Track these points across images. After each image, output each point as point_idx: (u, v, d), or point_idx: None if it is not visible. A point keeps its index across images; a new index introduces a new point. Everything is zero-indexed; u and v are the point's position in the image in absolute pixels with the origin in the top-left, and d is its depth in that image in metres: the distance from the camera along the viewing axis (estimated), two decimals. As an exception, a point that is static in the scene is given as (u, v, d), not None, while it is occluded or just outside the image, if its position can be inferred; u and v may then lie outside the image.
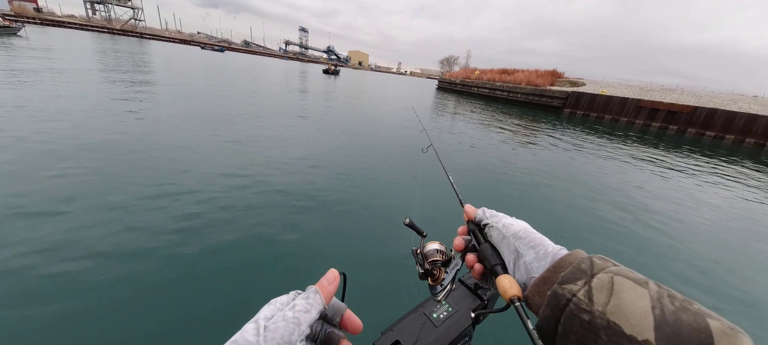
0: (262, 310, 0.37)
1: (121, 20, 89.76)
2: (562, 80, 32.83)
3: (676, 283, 3.42)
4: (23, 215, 2.99)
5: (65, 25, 65.05)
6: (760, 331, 2.89)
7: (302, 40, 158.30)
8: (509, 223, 0.51)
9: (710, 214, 5.69)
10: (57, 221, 2.98)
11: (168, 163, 4.64)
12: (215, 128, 6.87)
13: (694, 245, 4.34)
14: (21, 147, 4.45)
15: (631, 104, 24.15)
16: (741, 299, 3.27)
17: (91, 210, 3.23)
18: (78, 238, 2.79)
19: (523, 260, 0.45)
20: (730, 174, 9.59)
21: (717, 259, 4.05)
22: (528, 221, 0.51)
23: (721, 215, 5.73)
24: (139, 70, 15.17)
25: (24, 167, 3.91)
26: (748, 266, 3.99)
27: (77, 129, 5.54)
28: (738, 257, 4.21)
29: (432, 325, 1.06)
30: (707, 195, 6.97)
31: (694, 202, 6.32)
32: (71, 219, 3.05)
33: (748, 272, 3.84)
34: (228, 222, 3.37)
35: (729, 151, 15.18)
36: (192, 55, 38.48)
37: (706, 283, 3.50)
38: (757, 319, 3.05)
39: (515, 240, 0.47)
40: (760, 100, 24.15)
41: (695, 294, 3.25)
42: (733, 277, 3.67)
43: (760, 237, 5.00)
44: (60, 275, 2.38)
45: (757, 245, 4.67)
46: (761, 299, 3.31)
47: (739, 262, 4.09)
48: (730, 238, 4.79)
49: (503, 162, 7.54)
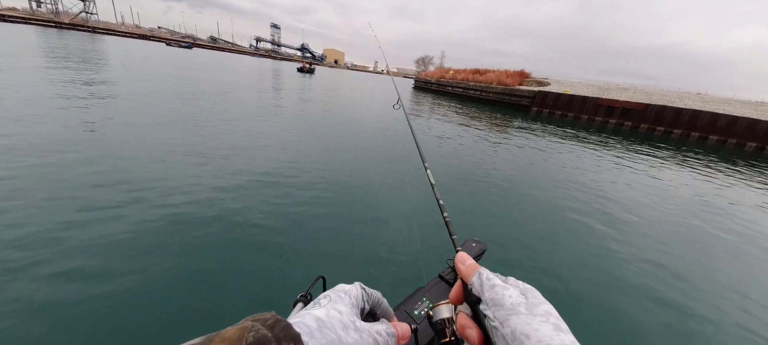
0: (340, 299, 0.36)
1: (70, 13, 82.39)
2: (530, 80, 34.42)
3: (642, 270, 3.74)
4: None
5: (6, 18, 58.73)
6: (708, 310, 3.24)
7: (274, 36, 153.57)
8: (523, 333, 0.31)
9: (670, 203, 6.26)
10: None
11: (139, 169, 4.38)
12: (185, 133, 6.54)
13: (656, 235, 4.78)
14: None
15: (590, 102, 25.81)
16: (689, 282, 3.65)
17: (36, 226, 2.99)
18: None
19: None
20: (679, 164, 10.59)
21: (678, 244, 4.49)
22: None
23: (680, 203, 6.34)
24: (94, 68, 14.04)
25: None
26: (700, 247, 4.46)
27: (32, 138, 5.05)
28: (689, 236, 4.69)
29: (413, 322, 1.08)
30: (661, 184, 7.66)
31: (652, 191, 6.92)
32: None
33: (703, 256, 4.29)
34: (205, 226, 3.25)
35: (676, 144, 16.70)
36: (156, 52, 36.21)
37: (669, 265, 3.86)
38: (699, 297, 3.41)
39: None
40: (703, 97, 26.76)
41: (659, 279, 3.58)
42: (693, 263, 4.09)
43: (709, 218, 5.59)
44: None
45: (701, 225, 5.22)
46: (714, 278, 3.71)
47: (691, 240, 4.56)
48: (684, 224, 5.32)
49: (481, 159, 7.82)
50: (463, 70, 42.48)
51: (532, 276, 3.33)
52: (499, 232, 4.24)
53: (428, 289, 1.28)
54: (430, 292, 1.24)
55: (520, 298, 0.35)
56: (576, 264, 3.67)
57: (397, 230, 3.83)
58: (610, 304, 3.07)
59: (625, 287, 3.37)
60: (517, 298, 0.34)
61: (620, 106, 24.33)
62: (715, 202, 6.92)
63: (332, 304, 0.35)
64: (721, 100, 25.92)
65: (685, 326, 2.93)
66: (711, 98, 27.07)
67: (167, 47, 57.18)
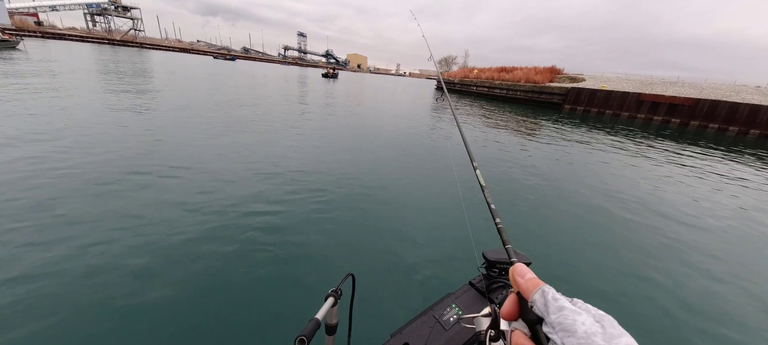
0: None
1: (121, 31, 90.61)
2: (561, 76, 32.66)
3: (694, 278, 3.27)
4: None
5: (66, 37, 65.72)
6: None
7: (300, 44, 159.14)
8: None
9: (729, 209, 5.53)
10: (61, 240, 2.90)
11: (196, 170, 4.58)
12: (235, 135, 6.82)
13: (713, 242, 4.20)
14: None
15: (631, 98, 23.96)
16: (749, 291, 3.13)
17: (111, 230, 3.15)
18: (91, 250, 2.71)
19: None
20: (739, 166, 9.41)
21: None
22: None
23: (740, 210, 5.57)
24: (169, 84, 15.19)
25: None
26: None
27: (121, 155, 5.48)
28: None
29: (442, 329, 1.04)
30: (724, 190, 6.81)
31: (711, 198, 6.16)
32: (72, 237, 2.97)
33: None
34: (231, 230, 3.28)
35: (734, 143, 14.96)
36: (207, 66, 38.96)
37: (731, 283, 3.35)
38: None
39: None
40: (763, 91, 23.87)
41: (714, 295, 3.11)
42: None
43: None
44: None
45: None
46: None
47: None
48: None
49: (512, 161, 7.42)
50: (487, 68, 41.27)
51: (583, 295, 3.00)
52: (537, 245, 3.85)
53: (458, 295, 1.23)
54: (459, 299, 1.19)
55: (596, 326, 0.29)
56: (634, 290, 3.15)
57: (427, 234, 3.69)
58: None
59: (702, 324, 2.93)
60: (591, 327, 0.29)
61: (667, 101, 22.34)
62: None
63: None
64: (787, 93, 22.94)
65: None
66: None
67: (214, 60, 62.31)
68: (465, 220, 3.92)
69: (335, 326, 1.00)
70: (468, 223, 3.81)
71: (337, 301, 0.91)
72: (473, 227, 3.78)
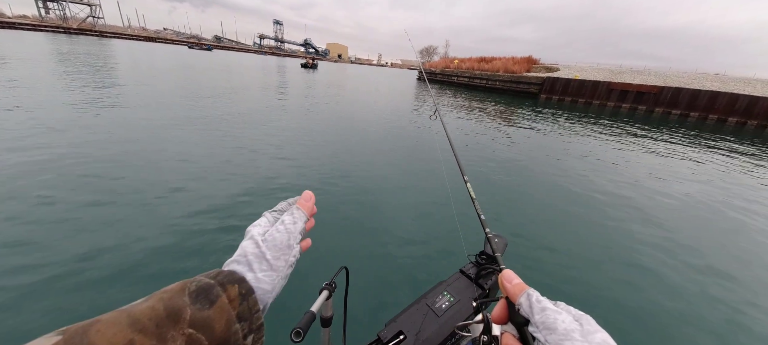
0: (248, 231, 0.43)
1: (77, 19, 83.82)
2: (538, 66, 33.60)
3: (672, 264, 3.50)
4: None
5: (17, 26, 60.06)
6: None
7: (277, 33, 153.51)
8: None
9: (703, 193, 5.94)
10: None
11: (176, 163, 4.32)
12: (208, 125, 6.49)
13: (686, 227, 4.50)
14: None
15: (602, 87, 25.04)
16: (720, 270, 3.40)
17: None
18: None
19: None
20: (700, 149, 10.12)
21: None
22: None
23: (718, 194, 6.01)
24: (155, 80, 14.13)
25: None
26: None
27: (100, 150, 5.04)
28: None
29: (434, 315, 1.07)
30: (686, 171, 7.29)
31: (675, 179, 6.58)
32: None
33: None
34: (221, 216, 3.15)
35: (693, 127, 16.05)
36: (184, 56, 36.64)
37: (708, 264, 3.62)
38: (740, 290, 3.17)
39: None
40: (721, 78, 25.66)
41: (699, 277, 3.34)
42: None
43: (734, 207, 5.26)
44: None
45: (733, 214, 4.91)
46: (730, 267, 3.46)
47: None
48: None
49: (490, 147, 7.58)
50: (468, 59, 41.74)
51: (555, 274, 3.14)
52: (514, 225, 4.05)
53: (450, 283, 1.26)
54: (451, 287, 1.22)
55: (575, 324, 0.33)
56: (602, 264, 3.40)
57: (417, 227, 3.74)
58: (646, 311, 2.85)
59: (662, 291, 3.14)
60: (570, 325, 0.33)
61: (634, 89, 23.54)
62: (747, 184, 6.54)
63: (245, 238, 0.43)
64: (740, 80, 24.79)
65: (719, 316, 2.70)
66: (730, 78, 25.91)
67: (190, 50, 58.84)
68: (453, 211, 4.00)
69: (330, 318, 1.01)
70: (455, 215, 3.90)
71: (331, 293, 0.91)
72: (460, 217, 3.87)
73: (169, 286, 0.29)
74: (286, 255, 0.42)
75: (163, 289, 0.29)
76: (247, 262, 0.39)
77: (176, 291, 0.29)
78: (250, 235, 0.42)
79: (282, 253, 0.41)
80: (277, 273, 0.40)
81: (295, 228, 0.44)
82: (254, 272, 0.38)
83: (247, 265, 0.39)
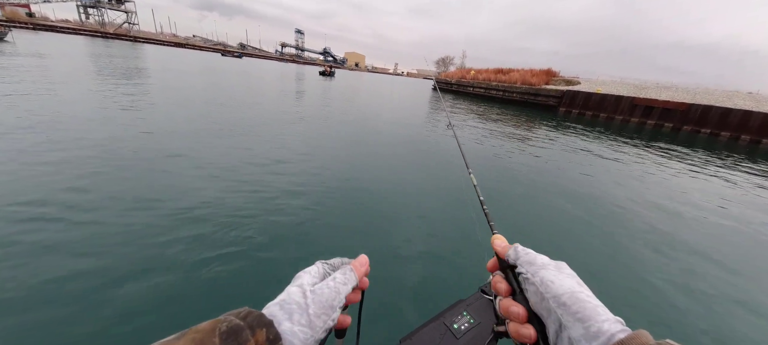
0: (299, 277, 0.43)
1: (114, 24, 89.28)
2: (557, 79, 32.86)
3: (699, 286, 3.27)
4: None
5: (58, 29, 64.51)
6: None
7: (298, 42, 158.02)
8: (550, 279, 0.39)
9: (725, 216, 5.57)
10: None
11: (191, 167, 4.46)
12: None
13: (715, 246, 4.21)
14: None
15: (625, 102, 24.16)
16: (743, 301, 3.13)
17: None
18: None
19: (567, 334, 0.35)
20: (731, 172, 9.52)
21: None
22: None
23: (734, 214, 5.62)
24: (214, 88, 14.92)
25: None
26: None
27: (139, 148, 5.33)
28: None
29: (452, 337, 1.02)
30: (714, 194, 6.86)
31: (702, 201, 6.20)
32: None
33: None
34: (238, 225, 3.19)
35: (725, 148, 15.15)
36: (219, 63, 38.61)
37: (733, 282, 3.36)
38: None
39: (558, 306, 0.37)
40: (755, 97, 24.24)
41: (720, 298, 3.10)
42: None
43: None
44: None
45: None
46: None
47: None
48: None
49: (506, 159, 7.40)
50: (485, 70, 41.38)
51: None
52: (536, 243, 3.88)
53: (470, 303, 1.20)
54: (471, 307, 1.16)
55: (551, 262, 0.43)
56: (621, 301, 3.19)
57: (436, 239, 3.66)
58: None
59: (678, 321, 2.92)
60: (547, 261, 0.43)
61: (660, 106, 22.55)
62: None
63: (293, 283, 0.42)
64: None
65: None
66: (765, 97, 24.43)
67: (222, 57, 63.42)
68: (475, 224, 3.89)
69: (344, 330, 0.99)
70: (478, 228, 3.78)
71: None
72: (483, 232, 3.74)
73: (200, 325, 0.31)
74: (327, 315, 0.40)
75: (195, 328, 0.30)
76: (289, 311, 0.37)
77: (207, 331, 0.30)
78: (299, 281, 0.42)
79: (324, 312, 0.39)
80: (312, 332, 0.38)
81: (344, 289, 0.43)
82: (292, 324, 0.36)
83: (288, 314, 0.37)
